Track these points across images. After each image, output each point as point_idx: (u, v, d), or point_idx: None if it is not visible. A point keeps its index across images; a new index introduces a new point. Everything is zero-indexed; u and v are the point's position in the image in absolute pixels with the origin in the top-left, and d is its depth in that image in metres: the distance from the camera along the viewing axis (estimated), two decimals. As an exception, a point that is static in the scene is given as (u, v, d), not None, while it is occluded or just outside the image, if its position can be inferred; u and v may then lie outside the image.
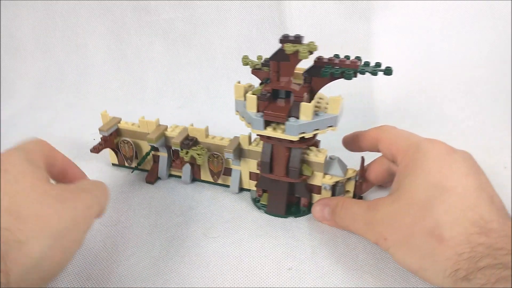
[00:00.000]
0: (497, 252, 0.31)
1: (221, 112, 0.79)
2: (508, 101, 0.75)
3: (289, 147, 0.47)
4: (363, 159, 0.49)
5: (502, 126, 0.71)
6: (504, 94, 0.75)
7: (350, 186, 0.52)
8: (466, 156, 0.38)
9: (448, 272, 0.33)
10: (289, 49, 0.41)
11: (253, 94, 0.44)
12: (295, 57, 0.42)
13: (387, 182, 0.51)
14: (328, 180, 0.50)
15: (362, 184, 0.51)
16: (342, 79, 0.43)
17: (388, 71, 0.41)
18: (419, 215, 0.35)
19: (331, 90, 0.49)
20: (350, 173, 0.50)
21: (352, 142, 0.51)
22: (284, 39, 0.42)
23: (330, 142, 0.52)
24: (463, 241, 0.32)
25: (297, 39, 0.42)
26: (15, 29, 0.89)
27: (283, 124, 0.43)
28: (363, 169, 0.49)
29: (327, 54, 0.45)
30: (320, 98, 0.49)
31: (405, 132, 0.45)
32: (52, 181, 0.39)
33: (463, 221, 0.33)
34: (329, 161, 0.50)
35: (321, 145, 0.53)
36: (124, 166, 0.63)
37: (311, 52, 0.42)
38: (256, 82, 0.49)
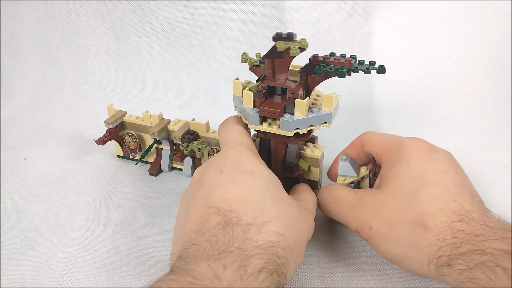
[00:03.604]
0: (476, 238, 0.32)
1: (221, 112, 0.77)
2: (508, 101, 0.74)
3: (285, 143, 0.47)
4: (373, 157, 0.49)
5: (502, 126, 0.71)
6: (504, 94, 0.75)
7: (364, 184, 0.51)
8: (446, 155, 0.41)
9: (431, 258, 0.34)
10: (281, 46, 0.41)
11: (250, 91, 0.45)
12: (288, 54, 0.42)
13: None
14: (343, 182, 0.48)
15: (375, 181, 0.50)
16: (343, 79, 0.43)
17: (381, 70, 0.41)
18: (404, 206, 0.37)
19: (331, 89, 0.49)
20: (363, 172, 0.50)
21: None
22: (277, 37, 0.43)
23: (329, 140, 0.52)
24: (446, 228, 0.34)
25: (289, 37, 0.43)
26: (15, 29, 0.89)
27: (279, 120, 0.43)
28: (376, 166, 0.49)
29: (327, 53, 0.45)
30: (318, 96, 0.49)
31: (387, 134, 0.47)
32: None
33: (446, 211, 0.35)
34: (342, 164, 0.49)
35: (320, 143, 0.53)
36: (128, 158, 0.64)
37: (302, 49, 0.42)
38: (255, 79, 0.49)
